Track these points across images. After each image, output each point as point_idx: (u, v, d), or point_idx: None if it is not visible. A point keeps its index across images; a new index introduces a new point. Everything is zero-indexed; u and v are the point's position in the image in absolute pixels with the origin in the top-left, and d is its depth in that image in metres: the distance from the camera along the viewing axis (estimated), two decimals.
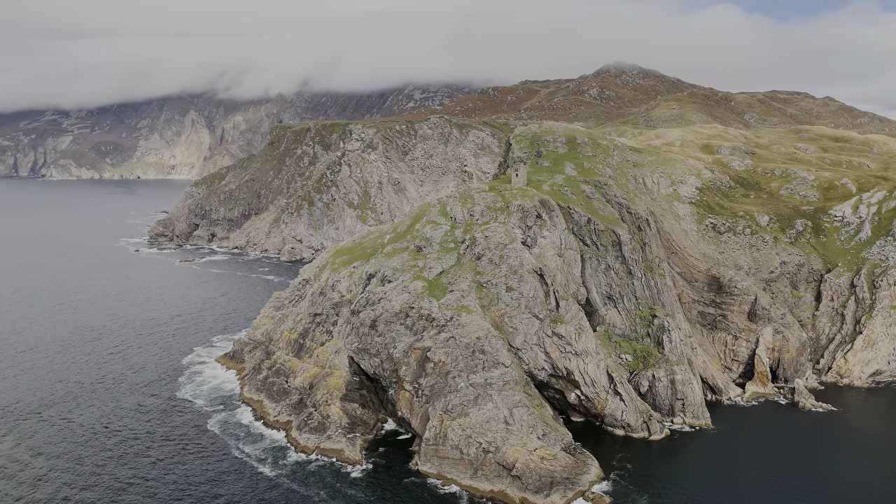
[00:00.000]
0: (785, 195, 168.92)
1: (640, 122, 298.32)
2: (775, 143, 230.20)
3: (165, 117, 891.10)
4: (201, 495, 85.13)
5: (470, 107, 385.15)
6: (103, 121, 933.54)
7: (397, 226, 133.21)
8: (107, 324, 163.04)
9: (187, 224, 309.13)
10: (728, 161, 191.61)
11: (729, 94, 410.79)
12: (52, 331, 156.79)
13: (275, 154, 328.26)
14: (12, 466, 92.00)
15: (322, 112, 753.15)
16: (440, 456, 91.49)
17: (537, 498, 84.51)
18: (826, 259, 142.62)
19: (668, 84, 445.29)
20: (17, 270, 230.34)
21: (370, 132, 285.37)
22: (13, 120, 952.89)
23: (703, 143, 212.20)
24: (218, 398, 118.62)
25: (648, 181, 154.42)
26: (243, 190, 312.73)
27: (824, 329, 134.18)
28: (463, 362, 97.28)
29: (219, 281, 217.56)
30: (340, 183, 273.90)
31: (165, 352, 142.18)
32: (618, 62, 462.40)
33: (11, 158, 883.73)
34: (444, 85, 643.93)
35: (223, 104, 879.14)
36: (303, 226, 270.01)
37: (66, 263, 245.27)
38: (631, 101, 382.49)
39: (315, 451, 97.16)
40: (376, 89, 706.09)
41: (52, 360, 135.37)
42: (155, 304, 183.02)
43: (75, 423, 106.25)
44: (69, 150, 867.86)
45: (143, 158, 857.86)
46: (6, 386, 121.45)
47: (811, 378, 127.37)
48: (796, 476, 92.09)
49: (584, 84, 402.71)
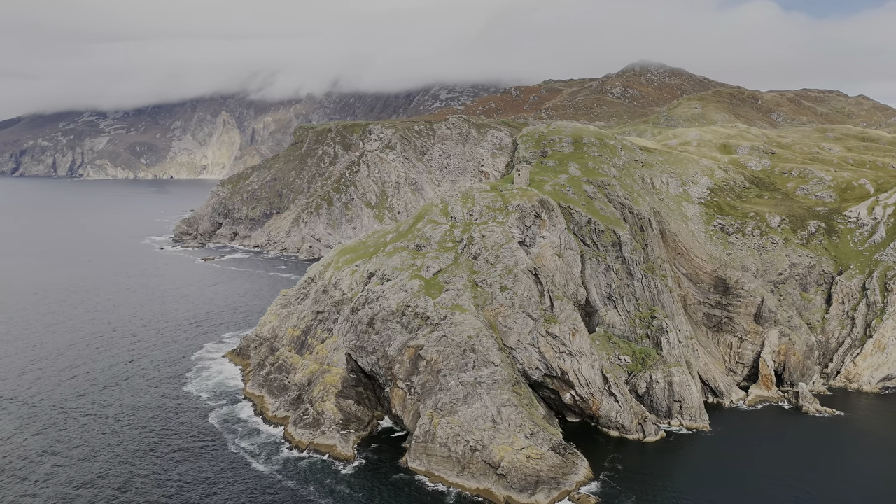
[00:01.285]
0: (800, 196, 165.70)
1: (661, 121, 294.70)
2: (798, 142, 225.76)
3: (198, 118, 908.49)
4: (190, 489, 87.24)
5: (492, 107, 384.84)
6: (138, 122, 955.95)
7: (400, 225, 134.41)
8: (123, 319, 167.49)
9: (211, 223, 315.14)
10: (745, 161, 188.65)
11: (757, 92, 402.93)
12: (70, 325, 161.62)
13: (297, 154, 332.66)
14: (17, 451, 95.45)
15: (350, 112, 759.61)
16: (429, 453, 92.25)
17: (522, 497, 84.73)
18: (838, 261, 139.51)
19: (694, 83, 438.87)
20: (46, 267, 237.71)
21: (388, 132, 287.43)
22: (53, 121, 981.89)
23: (721, 143, 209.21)
24: (222, 393, 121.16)
25: (657, 181, 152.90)
26: (265, 189, 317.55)
27: (834, 332, 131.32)
28: (454, 361, 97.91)
29: (236, 279, 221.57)
30: (359, 183, 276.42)
31: (177, 347, 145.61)
32: (643, 61, 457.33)
33: (51, 158, 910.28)
34: (470, 85, 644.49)
35: (254, 105, 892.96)
36: (321, 225, 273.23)
37: (90, 261, 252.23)
38: (655, 101, 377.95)
39: (308, 447, 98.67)
40: (403, 90, 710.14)
41: (65, 354, 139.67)
42: (172, 301, 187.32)
43: (82, 413, 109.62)
44: (105, 151, 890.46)
45: (175, 158, 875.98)
46: (21, 374, 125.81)
47: (818, 382, 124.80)
48: (791, 481, 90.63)
49: (607, 83, 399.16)
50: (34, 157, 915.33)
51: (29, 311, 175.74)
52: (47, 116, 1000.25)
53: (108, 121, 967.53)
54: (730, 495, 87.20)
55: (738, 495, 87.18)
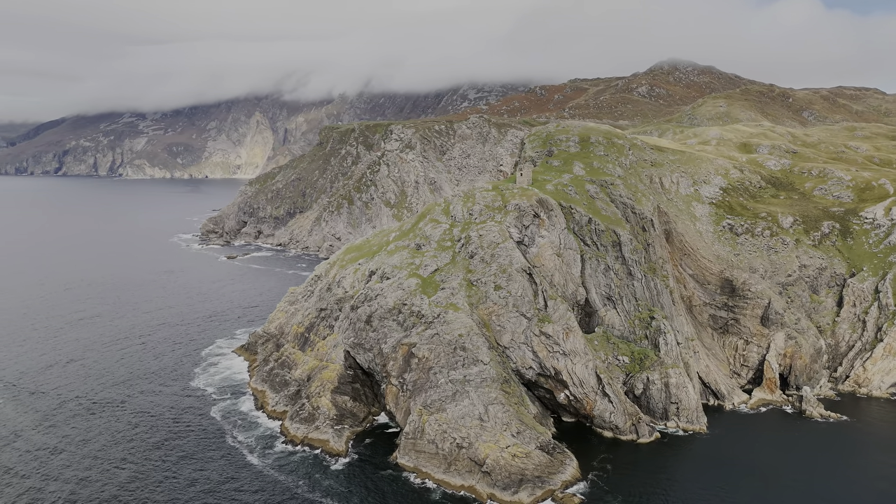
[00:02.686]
0: (818, 196, 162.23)
1: (685, 120, 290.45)
2: (825, 140, 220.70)
3: (232, 118, 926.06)
4: (182, 481, 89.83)
5: (516, 106, 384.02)
6: (176, 123, 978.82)
7: (403, 224, 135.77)
8: (141, 314, 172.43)
9: (236, 221, 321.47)
10: (763, 160, 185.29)
11: (789, 90, 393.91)
12: (90, 320, 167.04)
13: (321, 154, 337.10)
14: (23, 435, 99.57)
15: (380, 113, 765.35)
16: (417, 450, 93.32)
17: (505, 495, 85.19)
18: (851, 263, 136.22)
19: (724, 81, 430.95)
20: (78, 263, 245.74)
21: (409, 132, 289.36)
22: (95, 122, 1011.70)
23: (741, 142, 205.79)
24: (227, 387, 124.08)
25: (666, 181, 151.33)
26: (289, 189, 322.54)
27: (844, 336, 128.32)
28: (444, 359, 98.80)
29: (255, 276, 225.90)
30: (379, 182, 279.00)
31: (189, 342, 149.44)
32: (672, 59, 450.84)
33: (92, 158, 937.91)
34: (499, 84, 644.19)
35: (286, 106, 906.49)
36: (342, 224, 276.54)
37: (119, 257, 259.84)
38: (682, 99, 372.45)
39: (303, 441, 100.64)
40: (433, 90, 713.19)
41: (80, 347, 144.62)
42: (190, 298, 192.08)
43: (89, 402, 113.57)
44: (144, 151, 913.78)
45: (210, 158, 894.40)
46: (41, 367, 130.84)
47: (825, 387, 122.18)
48: (782, 484, 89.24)
49: (633, 82, 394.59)
50: (76, 157, 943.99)
51: (55, 305, 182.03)
52: (89, 118, 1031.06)
53: (147, 122, 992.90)
54: (718, 497, 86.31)
55: (726, 497, 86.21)
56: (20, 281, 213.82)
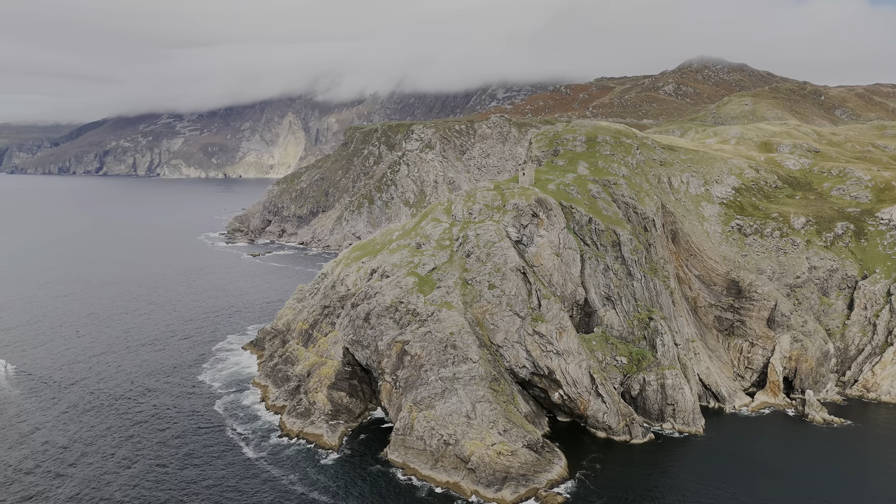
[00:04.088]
0: (835, 196, 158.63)
1: (709, 119, 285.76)
2: (851, 139, 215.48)
3: (266, 119, 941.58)
4: (173, 469, 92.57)
5: (540, 105, 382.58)
6: (211, 123, 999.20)
7: (406, 223, 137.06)
8: (158, 309, 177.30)
9: (261, 220, 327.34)
10: (782, 160, 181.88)
11: (822, 87, 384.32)
12: (109, 314, 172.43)
13: (345, 154, 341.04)
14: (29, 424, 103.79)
15: (409, 113, 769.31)
16: (406, 446, 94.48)
17: (488, 492, 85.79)
18: (863, 265, 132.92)
19: (756, 78, 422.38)
20: (105, 261, 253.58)
21: (429, 132, 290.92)
22: (134, 123, 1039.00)
23: (762, 141, 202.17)
24: (232, 382, 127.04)
25: (675, 181, 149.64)
26: (313, 188, 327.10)
27: (854, 339, 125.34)
28: (435, 356, 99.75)
29: (274, 274, 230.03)
30: (399, 182, 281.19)
31: (201, 337, 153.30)
32: (702, 56, 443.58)
33: (131, 159, 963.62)
34: (529, 84, 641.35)
35: (318, 106, 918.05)
36: (362, 223, 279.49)
37: (146, 255, 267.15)
38: (710, 98, 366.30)
39: (298, 435, 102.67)
40: (462, 89, 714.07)
41: (95, 339, 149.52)
42: (207, 294, 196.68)
43: (95, 393, 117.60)
44: (180, 151, 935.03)
45: (244, 158, 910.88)
46: (55, 357, 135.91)
47: (832, 391, 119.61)
48: (773, 488, 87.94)
49: (659, 80, 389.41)
50: (116, 158, 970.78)
51: (79, 300, 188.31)
52: (130, 119, 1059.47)
53: (184, 122, 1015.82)
54: (704, 498, 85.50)
55: (713, 499, 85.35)
56: (52, 276, 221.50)
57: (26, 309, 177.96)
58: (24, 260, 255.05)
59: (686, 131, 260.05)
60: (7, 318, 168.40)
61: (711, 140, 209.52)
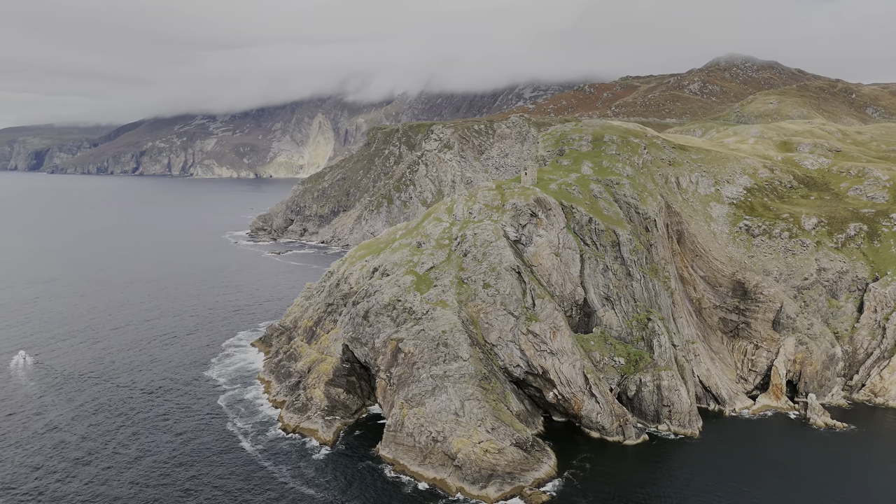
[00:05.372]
0: (852, 196, 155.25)
1: (732, 118, 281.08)
2: (877, 138, 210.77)
3: (296, 120, 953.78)
4: (168, 460, 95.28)
5: (563, 104, 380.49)
6: (243, 124, 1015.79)
7: (410, 223, 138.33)
8: (174, 306, 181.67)
9: (283, 219, 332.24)
10: (801, 159, 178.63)
11: (858, 85, 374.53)
12: (129, 311, 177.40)
13: (366, 154, 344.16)
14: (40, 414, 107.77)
15: (437, 113, 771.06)
16: (397, 442, 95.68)
17: (472, 489, 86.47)
18: (875, 267, 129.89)
19: (787, 76, 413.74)
20: (132, 258, 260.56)
21: (448, 132, 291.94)
22: (170, 124, 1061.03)
23: (782, 140, 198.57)
24: (238, 378, 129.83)
25: (684, 181, 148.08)
26: (335, 188, 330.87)
27: (862, 343, 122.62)
28: (428, 354, 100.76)
29: (291, 272, 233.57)
30: (417, 182, 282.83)
31: (212, 333, 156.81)
32: (731, 54, 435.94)
33: (166, 159, 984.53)
34: (557, 83, 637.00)
35: (348, 107, 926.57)
36: (381, 223, 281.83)
37: (171, 253, 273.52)
38: (736, 96, 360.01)
39: (295, 430, 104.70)
40: (490, 89, 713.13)
41: (113, 336, 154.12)
42: (224, 291, 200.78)
43: (103, 385, 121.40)
44: (213, 152, 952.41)
45: (275, 159, 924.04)
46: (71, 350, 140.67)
47: (837, 395, 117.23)
48: (765, 491, 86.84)
49: (685, 79, 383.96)
50: (152, 158, 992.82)
51: (103, 296, 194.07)
52: (165, 120, 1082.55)
53: (217, 123, 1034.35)
54: (690, 499, 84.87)
55: (698, 500, 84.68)
56: (80, 272, 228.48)
57: (52, 305, 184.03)
58: (56, 257, 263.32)
59: (707, 130, 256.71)
60: (32, 312, 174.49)
61: (730, 139, 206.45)
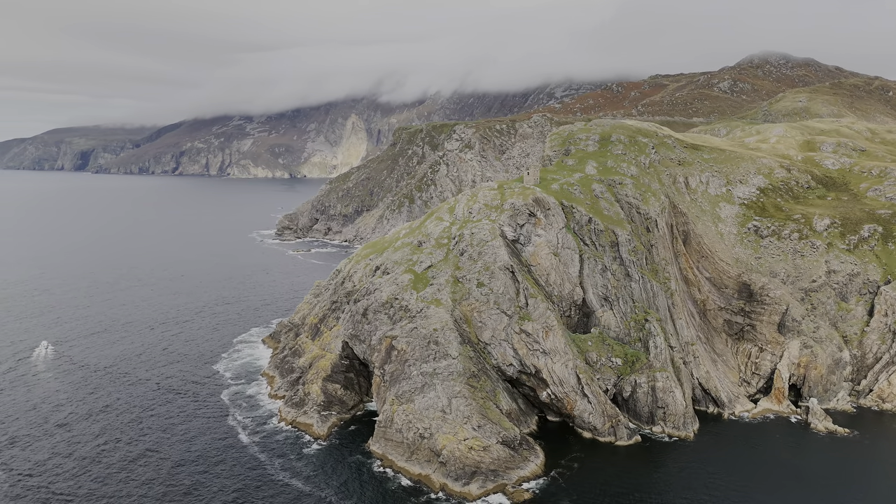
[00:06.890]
0: (871, 197, 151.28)
1: (759, 116, 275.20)
2: None
3: (330, 120, 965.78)
4: (166, 452, 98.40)
5: (590, 104, 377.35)
6: (279, 125, 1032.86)
7: (413, 223, 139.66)
8: (191, 301, 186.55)
9: (309, 218, 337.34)
10: (821, 159, 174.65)
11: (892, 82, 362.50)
12: (151, 306, 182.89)
13: (391, 154, 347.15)
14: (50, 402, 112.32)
15: (468, 113, 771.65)
16: (387, 438, 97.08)
17: (455, 485, 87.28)
18: (888, 269, 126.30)
19: (823, 74, 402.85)
20: (161, 255, 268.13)
21: (469, 132, 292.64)
22: (208, 125, 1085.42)
23: (804, 140, 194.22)
24: (244, 373, 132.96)
25: (693, 181, 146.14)
26: (359, 188, 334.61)
27: (872, 347, 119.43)
28: (419, 352, 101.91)
29: (311, 270, 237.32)
30: (438, 182, 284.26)
31: (224, 329, 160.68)
32: (766, 51, 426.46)
33: (204, 159, 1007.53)
34: (589, 82, 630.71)
35: (380, 107, 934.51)
36: (402, 222, 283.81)
37: (198, 250, 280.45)
38: (768, 94, 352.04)
39: (291, 424, 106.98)
40: (522, 88, 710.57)
41: (120, 329, 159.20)
42: (242, 288, 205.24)
43: (117, 378, 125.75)
44: (249, 152, 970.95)
45: (309, 159, 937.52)
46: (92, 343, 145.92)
47: (843, 400, 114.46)
48: (754, 495, 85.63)
49: (715, 77, 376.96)
50: (191, 158, 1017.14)
51: (129, 292, 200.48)
52: (205, 121, 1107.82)
53: (254, 124, 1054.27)
54: (673, 500, 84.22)
55: (683, 500, 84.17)
56: (108, 268, 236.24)
57: (77, 298, 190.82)
58: (88, 253, 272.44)
59: (732, 129, 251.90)
60: (59, 305, 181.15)
61: (752, 139, 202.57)
